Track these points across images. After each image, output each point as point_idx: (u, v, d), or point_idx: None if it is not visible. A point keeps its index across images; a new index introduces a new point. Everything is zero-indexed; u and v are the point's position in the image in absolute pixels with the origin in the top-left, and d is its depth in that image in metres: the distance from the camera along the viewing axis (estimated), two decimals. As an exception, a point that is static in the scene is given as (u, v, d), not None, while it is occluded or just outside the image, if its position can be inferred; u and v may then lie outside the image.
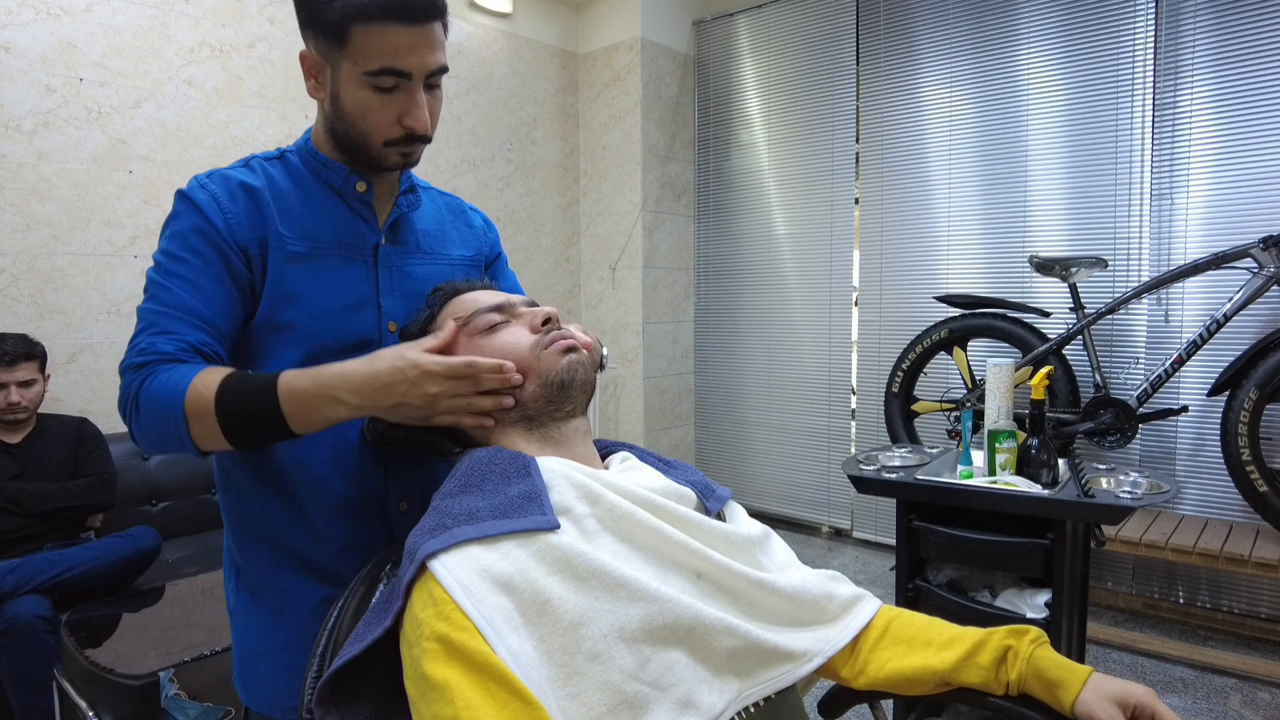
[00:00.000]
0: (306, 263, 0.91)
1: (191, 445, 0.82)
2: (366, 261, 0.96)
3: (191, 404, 0.79)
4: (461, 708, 0.62)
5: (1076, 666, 0.79)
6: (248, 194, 0.89)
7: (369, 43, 0.83)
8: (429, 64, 0.86)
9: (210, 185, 0.89)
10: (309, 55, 0.88)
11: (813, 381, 3.80)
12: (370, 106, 0.87)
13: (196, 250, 0.86)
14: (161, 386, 0.80)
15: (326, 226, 0.93)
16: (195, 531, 2.62)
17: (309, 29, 0.87)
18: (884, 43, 3.46)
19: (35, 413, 2.26)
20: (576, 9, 4.04)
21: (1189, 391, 2.76)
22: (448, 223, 1.08)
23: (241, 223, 0.88)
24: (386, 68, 0.84)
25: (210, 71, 2.75)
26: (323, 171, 0.94)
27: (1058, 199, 3.05)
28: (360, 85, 0.85)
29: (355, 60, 0.84)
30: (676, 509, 0.81)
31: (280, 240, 0.89)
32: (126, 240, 2.60)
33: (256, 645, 0.95)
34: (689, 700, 0.72)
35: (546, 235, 3.97)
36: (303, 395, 0.79)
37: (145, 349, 0.83)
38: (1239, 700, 2.26)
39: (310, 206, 0.93)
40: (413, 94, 0.87)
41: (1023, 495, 1.62)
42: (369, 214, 0.97)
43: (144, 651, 1.70)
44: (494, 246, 1.14)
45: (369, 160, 0.92)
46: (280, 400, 0.79)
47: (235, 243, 0.87)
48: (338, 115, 0.89)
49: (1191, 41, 2.73)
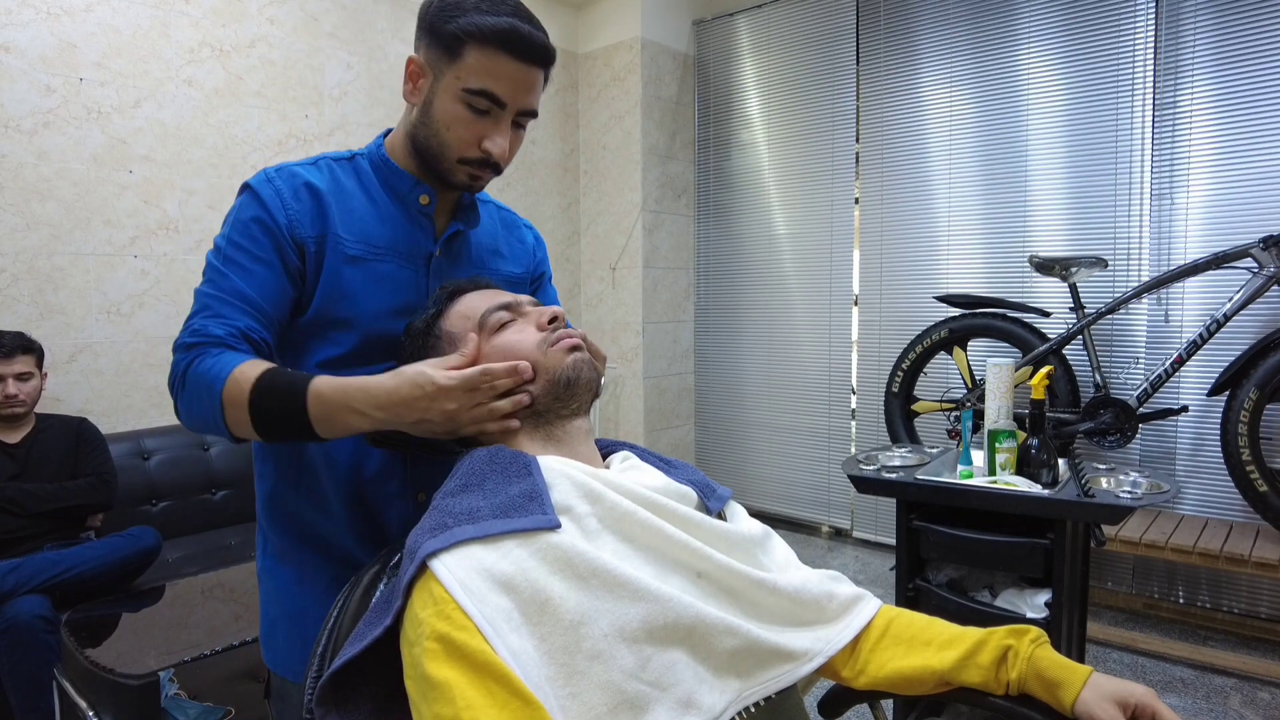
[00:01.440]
0: (362, 265, 0.94)
1: (226, 431, 0.85)
2: (419, 270, 0.99)
3: (229, 393, 0.82)
4: (462, 707, 0.62)
5: (1076, 666, 0.79)
6: (311, 193, 0.93)
7: (479, 64, 0.88)
8: (523, 102, 0.92)
9: (276, 180, 0.93)
10: (416, 60, 0.93)
11: (813, 381, 3.80)
12: (459, 120, 0.91)
13: (255, 239, 0.90)
14: (206, 371, 0.84)
15: (385, 231, 0.96)
16: (195, 531, 2.62)
17: (425, 36, 0.91)
18: (884, 43, 3.46)
19: (33, 411, 2.26)
20: (576, 9, 4.04)
21: (1189, 391, 2.76)
22: (501, 238, 1.11)
23: (302, 220, 0.92)
24: (486, 90, 0.89)
25: (210, 71, 2.75)
26: (390, 177, 0.98)
27: (1058, 199, 3.05)
28: (456, 99, 0.90)
29: (460, 76, 0.89)
30: (677, 508, 0.81)
31: (338, 241, 0.93)
32: (126, 240, 2.60)
33: (277, 610, 1.00)
34: (689, 700, 0.72)
35: (546, 235, 3.97)
36: (328, 403, 0.82)
37: (197, 330, 0.87)
38: (1239, 700, 2.26)
39: (371, 210, 0.96)
40: (500, 123, 0.92)
41: (1023, 495, 1.62)
42: (428, 225, 1.00)
43: (144, 651, 1.70)
44: (541, 265, 1.17)
45: (439, 172, 0.95)
46: (308, 405, 0.82)
47: (294, 238, 0.91)
48: (424, 121, 0.93)
49: (1191, 41, 2.73)
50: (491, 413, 0.83)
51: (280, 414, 0.82)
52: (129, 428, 2.61)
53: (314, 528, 0.98)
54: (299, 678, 0.97)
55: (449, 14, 0.88)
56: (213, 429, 0.86)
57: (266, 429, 0.83)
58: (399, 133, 0.98)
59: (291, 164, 0.96)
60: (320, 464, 0.95)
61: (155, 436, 2.61)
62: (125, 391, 2.63)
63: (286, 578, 0.99)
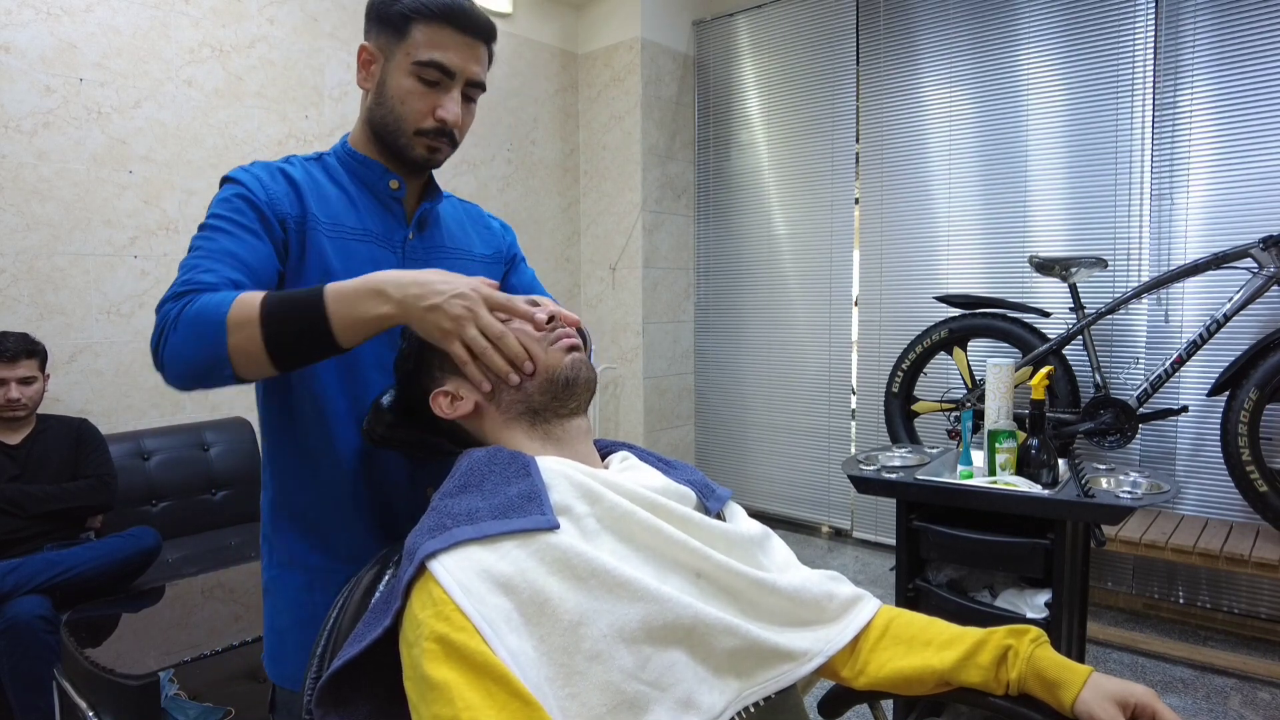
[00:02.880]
0: (341, 243, 0.97)
1: (226, 361, 0.80)
2: (396, 252, 1.02)
3: (235, 313, 0.79)
4: (461, 708, 0.62)
5: (1076, 666, 0.79)
6: (287, 179, 0.97)
7: (426, 38, 0.94)
8: (471, 72, 0.97)
9: (252, 169, 0.97)
10: (366, 46, 0.98)
11: (813, 381, 3.80)
12: (411, 93, 0.95)
13: (237, 209, 0.92)
14: (205, 304, 0.81)
15: (359, 218, 1.00)
16: (195, 531, 2.62)
17: (374, 22, 0.97)
18: (884, 43, 3.46)
19: (35, 413, 2.26)
20: (576, 9, 4.04)
21: (1189, 391, 2.76)
22: (468, 225, 1.14)
23: (281, 199, 0.94)
24: (435, 61, 0.94)
25: (210, 71, 2.75)
26: (359, 169, 1.01)
27: (1058, 199, 3.05)
28: (407, 74, 0.95)
29: (409, 52, 0.94)
30: (676, 508, 0.81)
31: (317, 221, 0.96)
32: (126, 240, 2.60)
33: (287, 620, 0.99)
34: (689, 700, 0.72)
35: (546, 235, 3.97)
36: (348, 292, 0.80)
37: (188, 280, 0.85)
38: (1239, 700, 2.26)
39: (346, 200, 1.00)
40: (451, 92, 0.96)
41: (1023, 495, 1.62)
42: (399, 210, 1.03)
43: (144, 651, 1.70)
44: (511, 247, 1.20)
45: (398, 149, 0.98)
46: (326, 299, 0.80)
47: (275, 213, 0.93)
48: (379, 102, 0.97)
49: (1191, 41, 2.73)
50: (486, 350, 0.81)
51: (294, 320, 0.79)
52: (129, 428, 2.61)
53: (323, 526, 0.97)
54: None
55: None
56: (209, 365, 0.81)
57: (278, 343, 0.79)
58: (358, 124, 1.03)
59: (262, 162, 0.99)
60: (328, 458, 0.96)
61: (155, 437, 2.61)
62: (125, 392, 2.63)
63: (296, 584, 0.98)
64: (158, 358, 0.84)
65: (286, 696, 0.99)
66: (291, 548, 0.99)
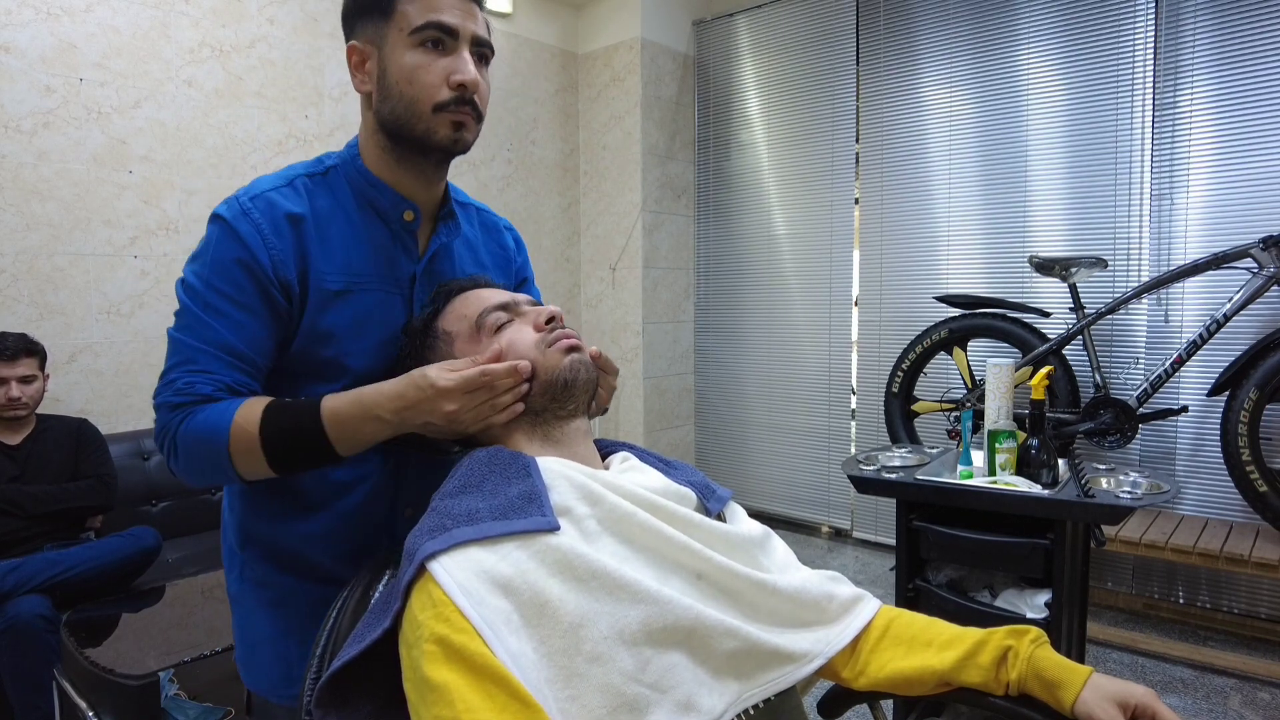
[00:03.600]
0: (344, 300, 0.90)
1: (235, 478, 0.84)
2: (403, 294, 0.96)
3: (236, 440, 0.81)
4: (461, 710, 0.61)
5: (1076, 666, 0.79)
6: (292, 225, 0.88)
7: (414, 5, 0.86)
8: (472, 30, 0.89)
9: (253, 213, 0.86)
10: (356, 46, 0.90)
11: (813, 382, 3.80)
12: (418, 66, 0.87)
13: (238, 284, 0.85)
14: (202, 425, 0.81)
15: (366, 255, 0.92)
16: (195, 531, 2.62)
17: (355, 18, 0.90)
18: (884, 43, 3.46)
19: (35, 413, 2.26)
20: (576, 9, 4.03)
21: (1189, 391, 2.76)
22: (483, 247, 1.08)
23: (286, 259, 0.87)
24: (432, 22, 0.86)
25: (210, 71, 2.74)
26: (369, 192, 0.93)
27: (1058, 199, 3.05)
28: (408, 48, 0.87)
29: (402, 26, 0.86)
30: (677, 510, 0.81)
31: (320, 277, 0.89)
32: (126, 240, 2.60)
33: (256, 634, 0.97)
34: (689, 702, 0.71)
35: (546, 235, 3.97)
36: (346, 418, 0.82)
37: (183, 389, 0.84)
38: (1239, 700, 2.26)
39: (352, 235, 0.92)
40: (459, 53, 0.88)
41: (1023, 495, 1.62)
42: (411, 243, 0.96)
43: (144, 651, 1.70)
44: (521, 270, 1.15)
45: (419, 137, 0.89)
46: (325, 426, 0.82)
47: (279, 278, 0.86)
48: (384, 95, 0.89)
49: (1191, 41, 2.73)
50: (493, 410, 0.83)
51: (295, 444, 0.82)
52: (129, 428, 2.61)
53: (293, 548, 0.94)
54: (282, 699, 0.96)
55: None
56: (218, 479, 0.85)
57: (281, 463, 0.83)
58: (365, 133, 0.94)
59: (265, 186, 0.89)
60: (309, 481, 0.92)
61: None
62: (125, 392, 2.63)
63: (266, 600, 0.96)
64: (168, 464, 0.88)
65: (262, 703, 0.98)
66: (261, 569, 0.96)
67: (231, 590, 1.00)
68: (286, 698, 0.96)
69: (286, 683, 0.95)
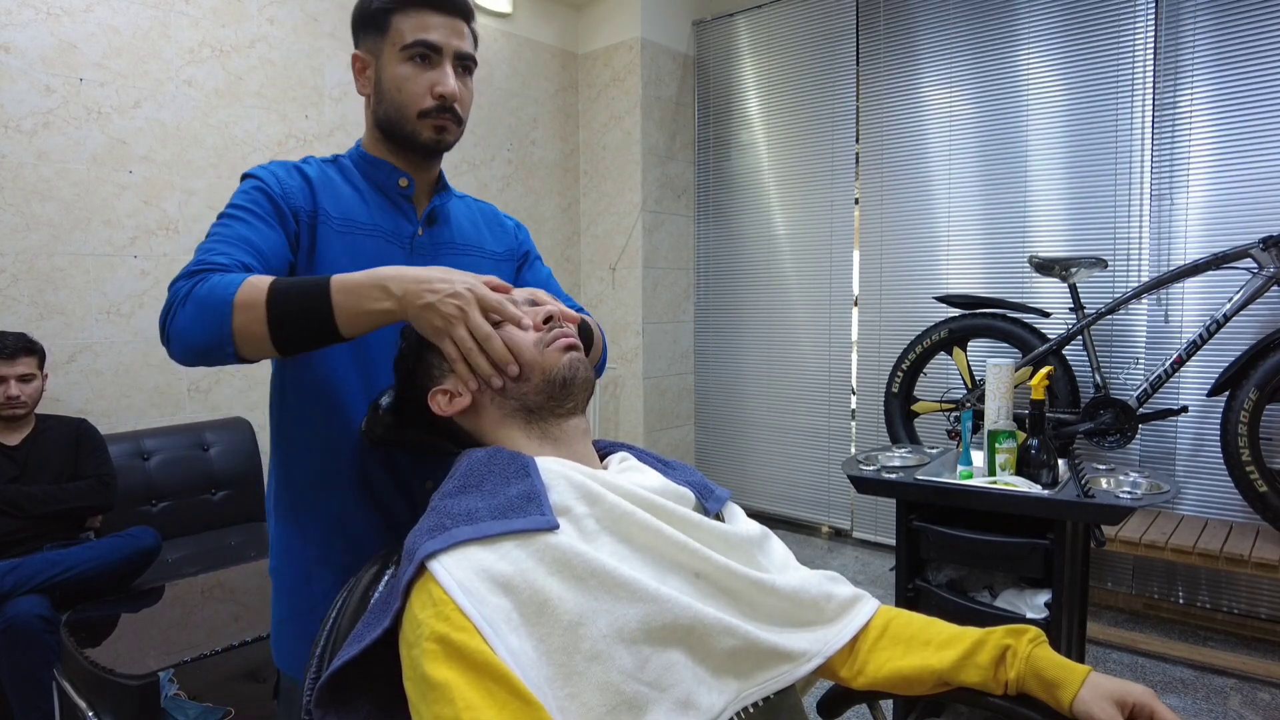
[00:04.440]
0: (350, 238, 1.00)
1: (230, 339, 0.82)
2: (404, 248, 1.05)
3: (243, 295, 0.82)
4: (462, 708, 0.62)
5: (1075, 666, 0.79)
6: (301, 175, 1.01)
7: (406, 24, 0.98)
8: (456, 45, 1.00)
9: (270, 165, 1.01)
10: (358, 55, 1.04)
11: (812, 382, 3.80)
12: (406, 78, 0.99)
13: (254, 200, 0.96)
14: (215, 283, 0.84)
15: (369, 214, 1.03)
16: (195, 531, 2.62)
17: (358, 31, 1.03)
18: (884, 43, 3.46)
19: (34, 413, 2.26)
20: (576, 9, 4.04)
21: (1189, 391, 2.76)
22: (481, 224, 1.17)
23: (295, 193, 0.99)
24: (419, 40, 0.98)
25: (210, 71, 2.75)
26: (369, 170, 1.05)
27: (1058, 199, 3.05)
28: (399, 62, 0.99)
29: (395, 42, 0.99)
30: (675, 509, 0.81)
31: (328, 217, 0.99)
32: (126, 240, 2.60)
33: (284, 609, 1.03)
34: (688, 700, 0.72)
35: (546, 235, 3.97)
36: (353, 285, 0.83)
37: (201, 261, 0.88)
38: (1239, 700, 2.25)
39: (356, 196, 1.03)
40: (442, 67, 1.00)
41: (1023, 495, 1.62)
42: (409, 208, 1.06)
43: (144, 651, 1.70)
44: (524, 244, 1.23)
45: (406, 137, 1.01)
46: (331, 290, 0.82)
47: (290, 206, 0.97)
48: (380, 99, 1.02)
49: (1191, 41, 2.73)
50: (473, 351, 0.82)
51: (301, 306, 0.82)
52: (129, 428, 2.61)
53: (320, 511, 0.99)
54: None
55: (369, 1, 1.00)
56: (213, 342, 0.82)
57: (282, 328, 0.81)
58: (367, 128, 1.07)
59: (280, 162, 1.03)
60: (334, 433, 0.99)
61: (155, 437, 2.61)
62: (125, 392, 2.63)
63: (294, 576, 1.01)
64: (164, 332, 0.86)
65: (290, 684, 1.02)
66: (290, 538, 1.01)
67: (270, 567, 1.06)
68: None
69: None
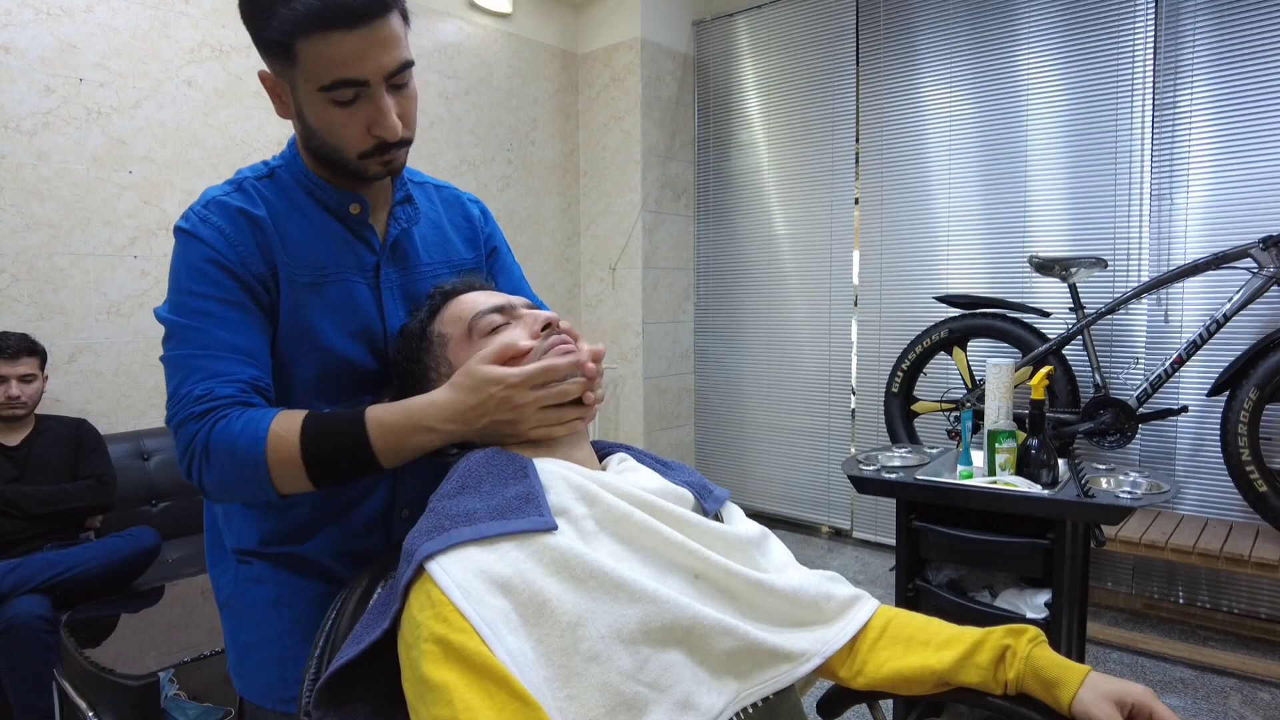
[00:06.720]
0: (316, 291, 0.89)
1: (270, 490, 0.80)
2: (370, 284, 0.94)
3: (274, 450, 0.78)
4: (460, 709, 0.61)
5: (1074, 665, 0.79)
6: (251, 224, 0.86)
7: (316, 56, 0.77)
8: (386, 65, 0.80)
9: (211, 217, 0.84)
10: (266, 75, 0.84)
11: (812, 382, 3.80)
12: (335, 121, 0.82)
13: (217, 282, 0.82)
14: (238, 435, 0.77)
15: (329, 250, 0.91)
16: (195, 531, 2.62)
17: (260, 49, 0.81)
18: (884, 43, 3.46)
19: (34, 413, 2.26)
20: (576, 9, 4.04)
21: (1189, 391, 2.76)
22: (446, 223, 1.05)
23: (251, 257, 0.84)
24: (339, 79, 0.78)
25: (210, 71, 2.75)
26: (316, 191, 0.91)
27: (1058, 199, 3.05)
28: (319, 102, 0.80)
29: (308, 78, 0.79)
30: (674, 510, 0.81)
31: (289, 271, 0.87)
32: (126, 240, 2.60)
33: (252, 635, 0.95)
34: (687, 701, 0.72)
35: (546, 235, 3.97)
36: (394, 428, 0.80)
37: (203, 396, 0.79)
38: (1239, 700, 2.25)
39: (310, 230, 0.90)
40: (376, 102, 0.81)
41: (1023, 495, 1.62)
42: (369, 233, 0.94)
43: (144, 651, 1.70)
44: (491, 238, 1.10)
45: (350, 173, 0.88)
46: (370, 437, 0.79)
47: (252, 274, 0.84)
48: (309, 133, 0.86)
49: (1191, 41, 2.73)
50: (560, 417, 0.84)
51: (338, 456, 0.79)
52: (129, 428, 2.61)
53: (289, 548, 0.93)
54: (276, 704, 0.95)
55: (262, 17, 0.77)
56: (252, 493, 0.80)
57: (322, 476, 0.80)
58: (298, 142, 0.91)
59: (215, 193, 0.87)
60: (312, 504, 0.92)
61: (155, 437, 2.61)
62: (125, 392, 2.63)
63: (263, 599, 0.94)
64: (196, 484, 0.81)
65: (255, 711, 0.96)
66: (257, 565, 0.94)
67: (222, 596, 0.97)
68: (281, 702, 0.94)
69: (282, 686, 0.94)
